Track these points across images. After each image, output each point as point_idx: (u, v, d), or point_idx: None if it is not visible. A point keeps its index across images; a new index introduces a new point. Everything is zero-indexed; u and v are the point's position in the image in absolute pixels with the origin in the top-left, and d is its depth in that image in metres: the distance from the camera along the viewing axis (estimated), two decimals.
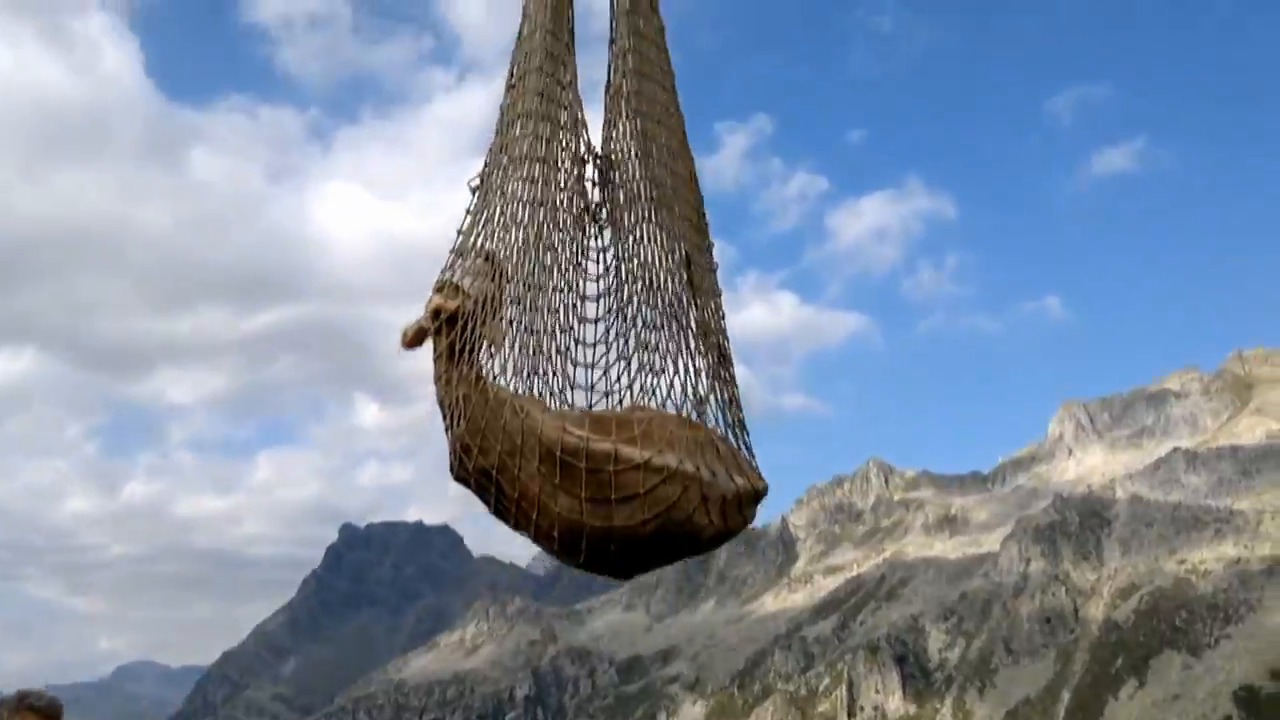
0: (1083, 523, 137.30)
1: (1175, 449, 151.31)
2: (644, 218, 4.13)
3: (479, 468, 3.76)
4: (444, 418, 3.87)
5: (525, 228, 3.98)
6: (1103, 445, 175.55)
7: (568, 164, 4.19)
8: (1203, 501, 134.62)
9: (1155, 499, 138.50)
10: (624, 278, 4.11)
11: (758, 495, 4.12)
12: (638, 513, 3.69)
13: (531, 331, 3.88)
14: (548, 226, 4.00)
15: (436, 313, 3.84)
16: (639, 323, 4.02)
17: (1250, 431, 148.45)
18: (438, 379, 3.86)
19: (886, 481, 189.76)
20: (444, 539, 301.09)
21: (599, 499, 3.64)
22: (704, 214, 4.23)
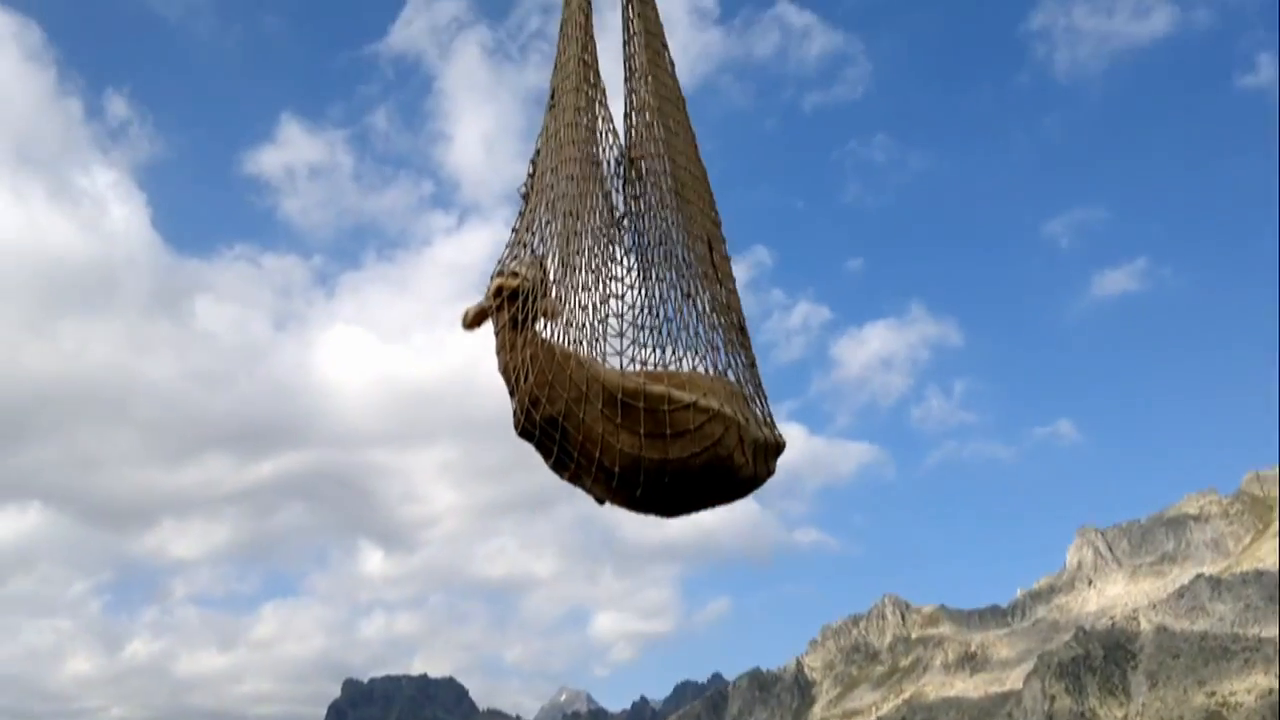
0: (1107, 656, 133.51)
1: (1199, 575, 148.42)
2: (672, 210, 4.68)
3: (546, 416, 4.21)
4: (509, 381, 4.32)
5: (567, 224, 4.50)
6: (1123, 574, 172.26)
7: (602, 167, 4.76)
8: (1230, 630, 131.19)
9: (1181, 628, 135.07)
10: (653, 263, 4.62)
11: (779, 448, 4.60)
12: (689, 445, 4.19)
13: (574, 310, 4.36)
14: (586, 220, 4.52)
15: (499, 290, 4.37)
16: (669, 302, 4.50)
17: (1274, 555, 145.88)
18: (501, 348, 4.35)
19: (903, 618, 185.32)
20: (449, 692, 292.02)
21: (656, 434, 4.13)
22: (716, 210, 4.81)
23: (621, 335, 4.45)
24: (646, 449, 4.12)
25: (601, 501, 4.67)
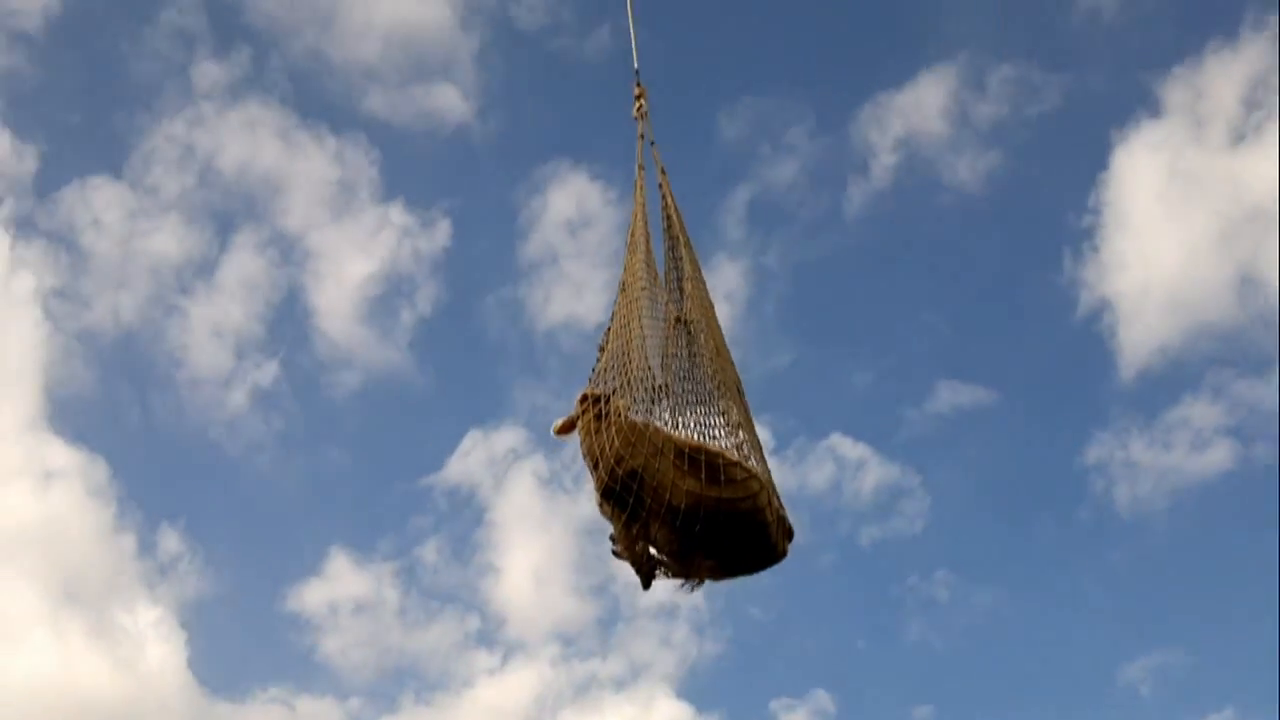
0: None
1: None
2: (712, 359, 6.18)
3: (628, 469, 5.30)
4: (593, 458, 5.43)
5: (627, 378, 5.98)
6: None
7: (651, 339, 6.31)
8: None
9: None
10: (691, 407, 5.97)
11: (792, 531, 5.72)
12: (738, 490, 5.33)
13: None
14: (638, 376, 5.97)
15: (584, 398, 5.70)
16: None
17: None
18: (586, 435, 5.51)
19: None
20: None
21: (713, 480, 5.27)
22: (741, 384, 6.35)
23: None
24: (706, 489, 5.24)
25: (648, 583, 5.70)
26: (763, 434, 6.12)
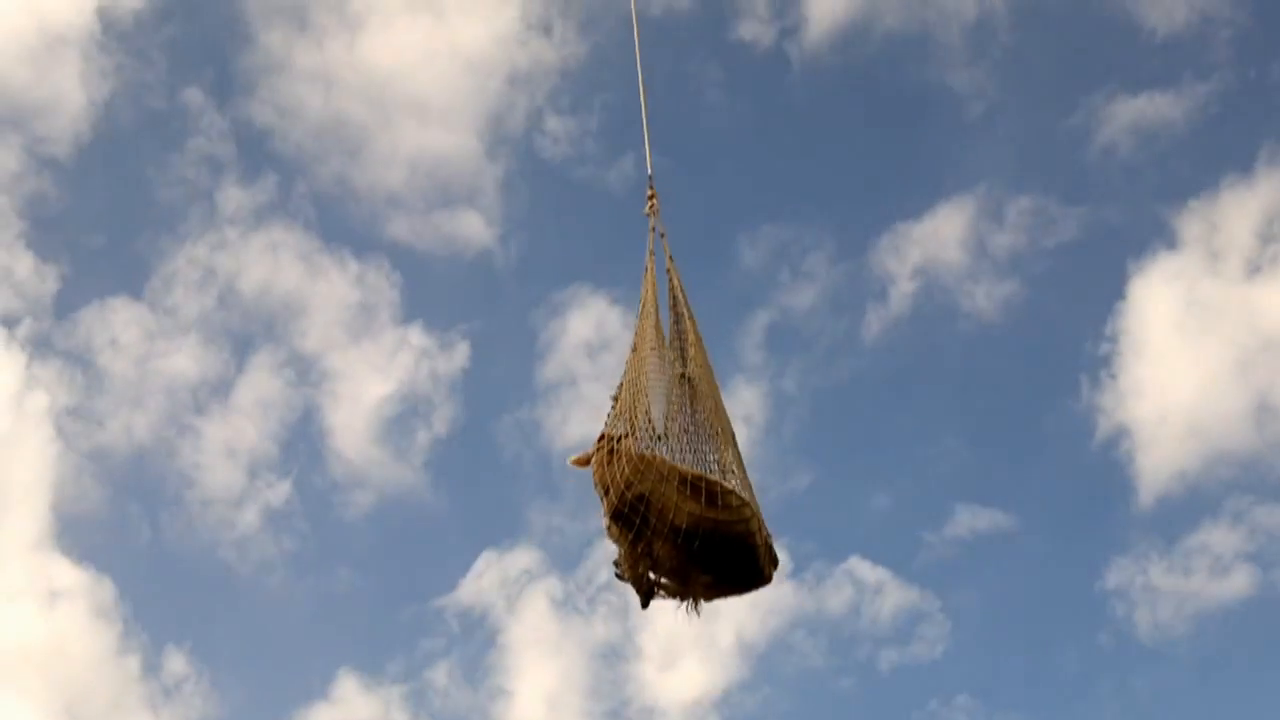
0: None
1: None
2: (712, 414, 6.73)
3: (636, 494, 5.86)
4: (604, 485, 5.99)
5: (637, 423, 6.57)
6: None
7: (665, 385, 6.92)
8: None
9: None
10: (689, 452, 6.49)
11: (777, 560, 6.23)
12: (733, 515, 5.90)
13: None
14: (647, 420, 6.54)
15: (602, 437, 6.28)
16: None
17: None
18: (599, 466, 6.10)
19: None
20: None
21: (712, 503, 5.86)
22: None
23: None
24: (705, 511, 5.81)
25: (646, 602, 6.15)
26: (780, 556, 6.49)
